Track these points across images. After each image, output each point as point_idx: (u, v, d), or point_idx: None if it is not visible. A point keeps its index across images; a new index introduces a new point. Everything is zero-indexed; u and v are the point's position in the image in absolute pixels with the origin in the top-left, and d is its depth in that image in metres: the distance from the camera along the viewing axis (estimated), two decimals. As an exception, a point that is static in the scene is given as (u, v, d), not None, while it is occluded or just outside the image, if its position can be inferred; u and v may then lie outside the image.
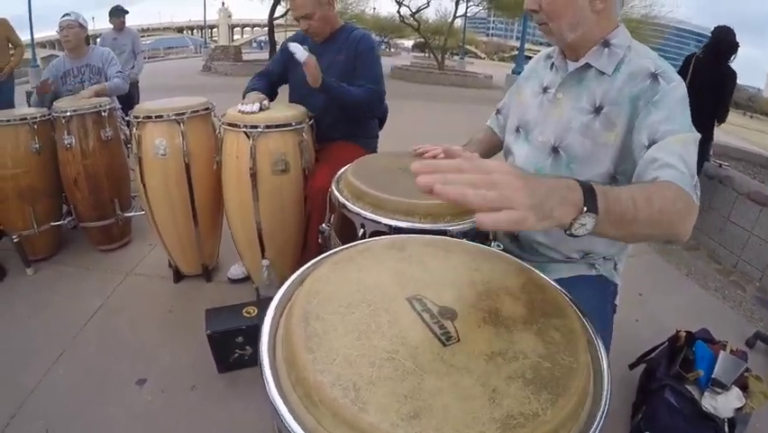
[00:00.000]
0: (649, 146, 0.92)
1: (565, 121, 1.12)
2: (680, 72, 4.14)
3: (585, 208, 0.61)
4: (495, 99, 1.75)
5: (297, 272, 0.71)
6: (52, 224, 2.48)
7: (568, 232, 0.62)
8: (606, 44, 1.07)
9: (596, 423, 0.49)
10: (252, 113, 1.79)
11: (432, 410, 0.44)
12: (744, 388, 1.55)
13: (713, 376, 1.53)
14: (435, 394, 0.46)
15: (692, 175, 0.85)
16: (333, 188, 1.15)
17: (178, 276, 2.31)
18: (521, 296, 0.64)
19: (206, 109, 2.06)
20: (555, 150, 1.14)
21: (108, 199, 2.51)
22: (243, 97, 1.96)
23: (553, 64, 1.21)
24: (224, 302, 2.10)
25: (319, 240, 1.33)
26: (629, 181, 1.01)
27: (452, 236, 0.97)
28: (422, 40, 19.77)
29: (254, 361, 1.71)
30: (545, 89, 1.21)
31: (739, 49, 3.40)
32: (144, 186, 2.03)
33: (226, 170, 1.87)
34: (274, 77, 2.17)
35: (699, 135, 0.93)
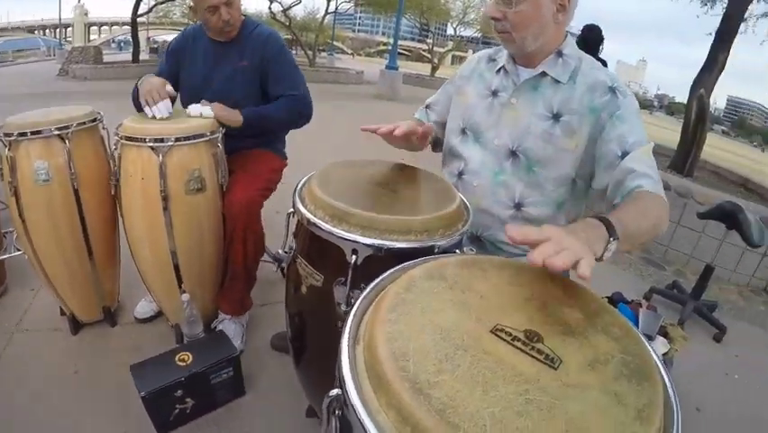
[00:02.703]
0: (622, 156, 1.04)
1: (523, 126, 1.16)
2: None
3: (611, 238, 0.74)
4: (368, 94, 1.68)
5: (347, 334, 0.60)
6: None
7: (598, 258, 0.72)
8: (559, 54, 1.14)
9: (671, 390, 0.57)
10: (165, 118, 1.48)
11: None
12: (665, 336, 1.77)
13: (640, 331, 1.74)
14: (585, 418, 0.47)
15: (659, 180, 1.02)
16: (302, 209, 0.95)
17: (76, 325, 1.84)
18: (571, 301, 0.66)
19: (94, 120, 1.64)
20: (514, 153, 1.19)
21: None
22: (134, 103, 1.62)
23: (501, 68, 1.23)
24: (138, 348, 1.75)
25: (276, 270, 1.11)
26: (587, 183, 1.17)
27: (443, 251, 0.90)
28: (289, 36, 19.42)
29: (197, 413, 1.47)
30: (495, 93, 1.23)
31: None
32: (23, 220, 1.57)
33: (128, 194, 1.52)
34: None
35: (653, 143, 1.07)
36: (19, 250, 1.78)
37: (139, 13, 12.20)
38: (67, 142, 1.52)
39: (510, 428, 0.45)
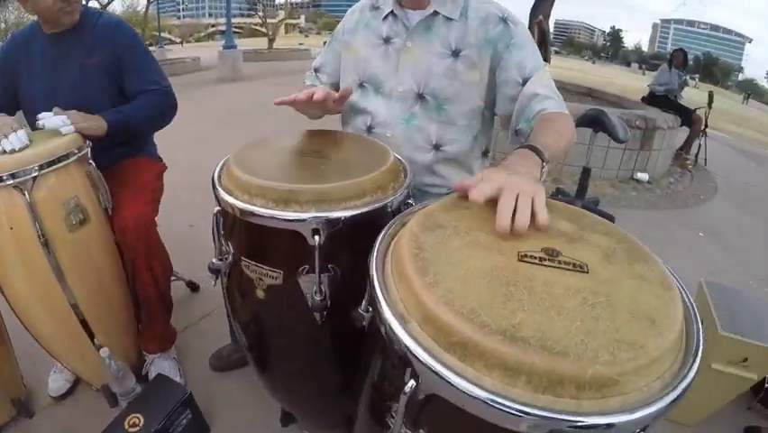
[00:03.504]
0: (523, 82, 1.09)
1: (424, 67, 1.16)
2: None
3: (544, 162, 0.79)
4: (209, 79, 1.56)
5: (393, 317, 0.53)
6: None
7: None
8: None
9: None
10: (22, 148, 1.18)
11: (651, 311, 0.52)
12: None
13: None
14: (634, 300, 0.53)
15: (561, 97, 1.09)
16: (235, 202, 0.82)
17: None
18: (553, 215, 0.67)
19: None
20: (421, 96, 1.18)
21: None
22: None
23: (388, 14, 1.21)
24: (71, 431, 1.47)
25: (214, 283, 0.98)
26: (492, 112, 1.21)
27: (395, 210, 0.85)
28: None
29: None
30: (387, 40, 1.21)
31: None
32: None
33: None
34: (3, 105, 1.49)
35: (547, 65, 1.10)
36: None
37: None
38: None
39: (599, 332, 0.47)
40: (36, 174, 1.16)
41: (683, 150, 5.20)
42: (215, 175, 0.93)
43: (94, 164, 1.32)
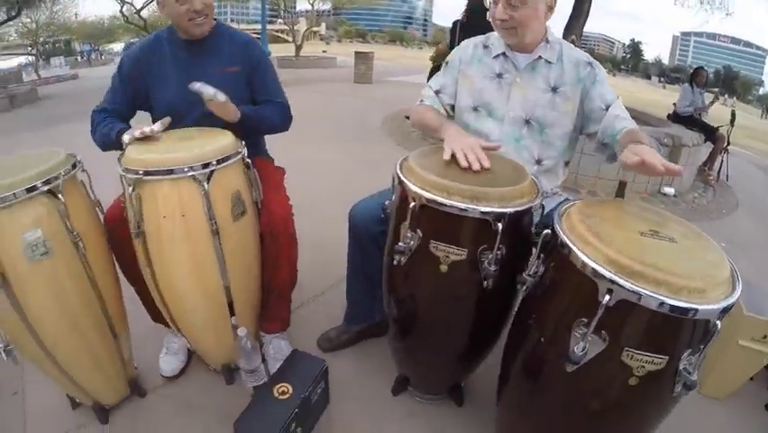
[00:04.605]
0: (606, 108, 1.48)
1: (531, 100, 1.56)
2: (451, 35, 5.00)
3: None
4: None
5: (594, 262, 0.94)
6: None
7: None
8: (547, 41, 1.55)
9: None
10: (158, 131, 1.43)
11: (713, 260, 0.97)
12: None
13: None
14: (706, 256, 0.99)
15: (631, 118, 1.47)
16: (439, 198, 1.14)
17: (104, 412, 1.57)
18: (647, 212, 1.16)
19: (75, 166, 1.37)
20: (527, 122, 1.58)
21: None
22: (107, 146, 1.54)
23: (499, 55, 1.59)
24: (190, 405, 1.65)
25: (395, 261, 1.26)
26: (577, 133, 1.59)
27: (534, 209, 1.22)
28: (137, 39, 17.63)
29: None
30: (500, 75, 1.59)
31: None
32: (21, 308, 1.25)
33: (162, 239, 1.38)
34: (125, 113, 1.67)
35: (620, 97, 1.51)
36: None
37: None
38: (60, 196, 1.24)
39: (693, 268, 0.93)
40: (214, 168, 1.37)
41: (706, 166, 5.52)
42: (405, 178, 1.23)
43: (250, 162, 1.54)
